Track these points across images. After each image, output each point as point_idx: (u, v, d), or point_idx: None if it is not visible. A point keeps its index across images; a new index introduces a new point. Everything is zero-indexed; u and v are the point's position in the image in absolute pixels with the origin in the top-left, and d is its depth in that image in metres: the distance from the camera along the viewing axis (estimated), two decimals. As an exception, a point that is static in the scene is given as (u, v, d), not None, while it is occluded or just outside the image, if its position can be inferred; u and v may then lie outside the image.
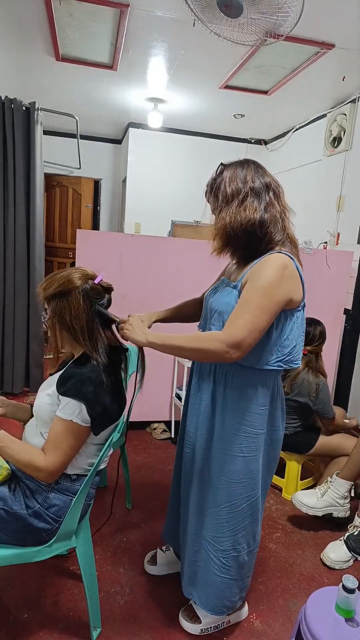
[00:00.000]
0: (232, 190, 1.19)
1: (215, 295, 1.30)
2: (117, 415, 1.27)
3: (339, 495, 1.93)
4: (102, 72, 3.25)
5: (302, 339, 1.26)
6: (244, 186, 1.19)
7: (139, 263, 2.58)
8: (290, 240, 1.24)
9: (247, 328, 1.09)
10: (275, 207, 1.21)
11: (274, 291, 1.11)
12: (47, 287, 1.22)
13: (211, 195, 1.26)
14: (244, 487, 1.29)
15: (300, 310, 1.23)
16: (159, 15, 2.39)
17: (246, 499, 1.30)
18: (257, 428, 1.26)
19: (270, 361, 1.20)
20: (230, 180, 1.20)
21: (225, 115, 4.05)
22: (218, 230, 1.21)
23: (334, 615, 1.18)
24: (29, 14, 2.49)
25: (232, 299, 1.21)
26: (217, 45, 2.65)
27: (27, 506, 1.22)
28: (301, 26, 2.33)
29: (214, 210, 1.26)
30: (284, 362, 1.22)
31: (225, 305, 1.22)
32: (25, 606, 1.48)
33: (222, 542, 1.32)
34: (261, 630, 1.48)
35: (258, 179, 1.21)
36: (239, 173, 1.21)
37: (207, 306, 1.33)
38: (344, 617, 1.16)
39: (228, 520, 1.31)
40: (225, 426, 1.27)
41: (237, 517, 1.31)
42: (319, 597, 1.24)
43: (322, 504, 1.93)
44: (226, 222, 1.18)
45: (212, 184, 1.26)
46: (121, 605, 1.52)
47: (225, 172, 1.23)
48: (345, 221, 3.28)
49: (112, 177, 5.40)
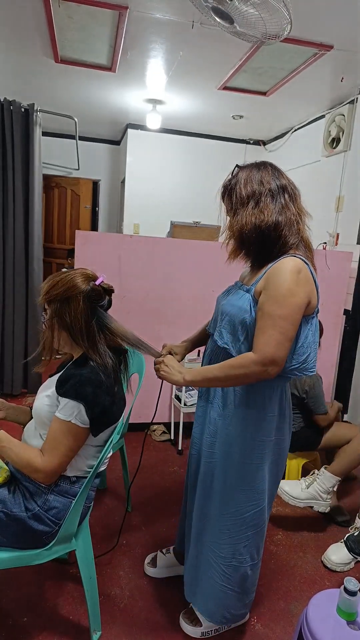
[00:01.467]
0: (248, 192, 1.18)
1: (228, 298, 1.28)
2: (116, 416, 1.27)
3: (323, 490, 1.91)
4: (100, 74, 3.25)
5: (316, 346, 1.22)
6: (260, 188, 1.18)
7: (138, 264, 2.58)
8: (305, 244, 1.22)
9: (275, 342, 1.09)
10: (291, 210, 1.19)
11: (292, 299, 1.10)
12: (50, 289, 1.21)
13: (226, 196, 1.24)
14: (248, 496, 1.26)
15: (314, 316, 1.21)
16: (158, 17, 2.40)
17: (251, 507, 1.27)
18: (265, 435, 1.24)
19: (287, 368, 1.17)
20: (245, 181, 1.19)
21: (224, 116, 4.06)
22: (233, 232, 1.20)
23: (335, 618, 1.15)
24: (28, 15, 2.48)
25: (245, 302, 1.19)
26: (215, 46, 2.65)
27: (26, 508, 1.21)
28: (300, 28, 2.34)
29: (228, 211, 1.24)
30: (299, 370, 1.19)
31: (237, 309, 1.20)
32: (24, 609, 1.47)
33: (223, 549, 1.31)
34: (262, 633, 1.47)
35: (274, 181, 1.19)
36: (254, 175, 1.20)
37: (218, 308, 1.32)
38: (345, 620, 1.15)
39: (229, 528, 1.29)
40: (231, 432, 1.24)
41: (240, 526, 1.28)
42: (320, 600, 1.22)
43: (305, 495, 1.91)
44: (242, 223, 1.17)
45: (227, 185, 1.24)
46: (121, 608, 1.51)
47: (241, 173, 1.22)
48: (345, 221, 3.28)
49: (111, 178, 5.40)
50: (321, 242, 3.41)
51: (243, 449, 1.24)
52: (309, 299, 1.14)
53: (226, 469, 1.27)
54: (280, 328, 1.09)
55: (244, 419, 1.23)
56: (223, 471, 1.27)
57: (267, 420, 1.23)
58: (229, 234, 1.21)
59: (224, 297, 1.32)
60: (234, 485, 1.26)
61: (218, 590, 1.33)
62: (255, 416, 1.23)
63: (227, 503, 1.28)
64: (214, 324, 1.33)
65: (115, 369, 1.25)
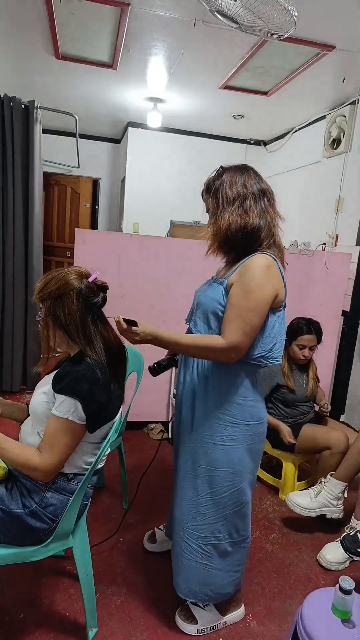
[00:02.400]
0: (234, 194, 1.25)
1: (203, 289, 1.38)
2: (113, 413, 1.27)
3: (333, 496, 1.93)
4: (101, 71, 3.24)
5: (282, 338, 1.31)
6: (244, 190, 1.25)
7: (137, 263, 2.58)
8: (277, 244, 1.31)
9: (242, 332, 1.19)
10: (270, 214, 1.28)
11: (260, 293, 1.19)
12: (43, 288, 1.22)
13: (209, 196, 1.30)
14: (224, 476, 1.32)
15: (282, 309, 1.31)
16: (160, 15, 2.39)
17: (227, 488, 1.32)
18: (237, 418, 1.30)
19: (253, 355, 1.26)
20: (230, 183, 1.26)
21: (224, 115, 4.05)
22: (217, 231, 1.26)
23: (330, 616, 1.16)
24: (29, 12, 2.48)
25: (218, 294, 1.27)
26: (217, 45, 2.65)
27: (24, 505, 1.22)
28: (302, 27, 2.34)
29: (212, 210, 1.30)
30: (265, 357, 1.28)
31: (210, 300, 1.29)
32: (21, 606, 1.48)
33: (202, 530, 1.36)
34: (257, 631, 1.48)
35: (256, 185, 1.28)
36: (238, 177, 1.27)
37: (195, 300, 1.41)
38: (340, 619, 1.16)
39: (208, 509, 1.34)
40: (206, 415, 1.32)
41: (218, 506, 1.34)
42: (315, 598, 1.23)
43: (315, 504, 1.93)
44: (228, 223, 1.24)
45: (210, 185, 1.30)
46: (117, 605, 1.52)
47: (225, 175, 1.28)
48: (344, 223, 3.29)
49: (111, 176, 5.39)
50: (320, 243, 3.42)
51: (219, 431, 1.31)
52: (277, 293, 1.24)
53: (204, 451, 1.33)
54: (247, 319, 1.18)
55: (218, 402, 1.31)
56: (202, 454, 1.33)
57: (239, 403, 1.30)
58: (214, 231, 1.27)
59: (201, 290, 1.41)
60: (212, 466, 1.32)
61: (201, 568, 1.38)
62: (227, 399, 1.30)
63: (205, 484, 1.34)
64: (190, 313, 1.43)
65: (112, 366, 1.25)
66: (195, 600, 1.43)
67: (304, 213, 3.94)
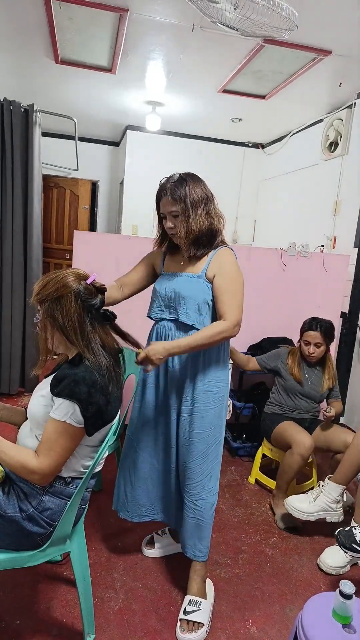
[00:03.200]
0: (198, 198, 1.45)
1: (177, 284, 1.51)
2: (111, 416, 1.26)
3: (331, 500, 1.92)
4: (101, 75, 3.25)
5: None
6: (205, 195, 1.46)
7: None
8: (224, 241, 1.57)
9: (240, 309, 1.44)
10: (218, 214, 1.51)
11: (240, 276, 1.48)
12: (41, 290, 1.21)
13: (175, 201, 1.44)
14: (214, 432, 1.52)
15: None
16: (158, 20, 2.40)
17: (214, 441, 1.53)
18: (223, 382, 1.55)
19: None
20: (193, 189, 1.44)
21: (223, 119, 4.07)
22: (190, 230, 1.44)
23: (331, 621, 1.14)
24: (29, 17, 2.49)
25: (202, 286, 1.47)
26: (215, 49, 2.66)
27: (20, 510, 1.20)
28: (299, 33, 2.35)
29: (181, 213, 1.44)
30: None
31: (198, 292, 1.47)
32: (18, 612, 1.46)
33: (195, 487, 1.51)
34: (257, 636, 1.46)
35: (208, 191, 1.50)
36: (197, 183, 1.47)
37: (168, 293, 1.52)
38: (341, 624, 1.14)
39: (202, 466, 1.51)
40: (197, 387, 1.49)
41: (208, 460, 1.52)
42: (315, 603, 1.22)
43: (314, 508, 1.92)
44: (199, 225, 1.44)
45: (174, 190, 1.44)
46: (115, 611, 1.50)
47: (188, 182, 1.45)
48: (342, 225, 3.30)
49: (110, 179, 5.40)
50: (319, 245, 3.42)
51: (212, 397, 1.50)
52: None
53: (200, 417, 1.50)
54: (238, 299, 1.45)
55: (209, 373, 1.50)
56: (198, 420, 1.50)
57: (222, 367, 1.54)
58: (187, 230, 1.44)
59: (168, 283, 1.53)
60: (206, 427, 1.50)
61: (201, 526, 1.52)
62: (218, 368, 1.52)
63: (201, 445, 1.50)
64: (167, 308, 1.54)
65: (110, 369, 1.24)
66: (204, 559, 1.55)
67: (302, 215, 3.95)
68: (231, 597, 1.62)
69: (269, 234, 4.66)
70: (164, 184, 1.49)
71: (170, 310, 1.53)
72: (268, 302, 2.83)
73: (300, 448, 2.03)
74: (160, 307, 1.56)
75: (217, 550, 1.86)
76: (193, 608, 1.46)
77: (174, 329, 1.53)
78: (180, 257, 1.57)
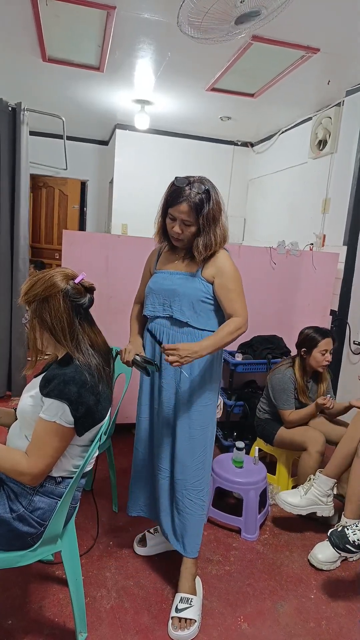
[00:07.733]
0: (219, 213, 1.48)
1: (172, 282, 1.54)
2: (101, 416, 1.26)
3: (322, 493, 1.93)
4: (88, 74, 3.23)
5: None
6: (220, 208, 1.49)
7: (125, 264, 2.57)
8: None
9: (245, 306, 1.52)
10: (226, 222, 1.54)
11: (239, 276, 1.54)
12: (29, 290, 1.21)
13: (194, 213, 1.43)
14: (210, 425, 1.59)
15: None
16: (146, 18, 2.40)
17: (211, 433, 1.60)
18: (217, 380, 1.62)
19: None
20: (217, 204, 1.46)
21: (211, 117, 4.07)
22: (209, 244, 1.47)
23: (231, 466, 1.99)
24: (15, 14, 2.46)
25: (199, 285, 1.51)
26: (203, 48, 2.66)
27: (11, 510, 1.20)
28: (286, 30, 2.36)
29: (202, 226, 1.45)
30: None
31: (195, 290, 1.51)
32: (9, 612, 1.46)
33: (201, 482, 1.56)
34: (249, 633, 1.48)
35: (221, 198, 1.51)
36: (217, 196, 1.47)
37: (162, 290, 1.55)
38: (236, 467, 1.97)
39: (203, 462, 1.56)
40: (194, 387, 1.54)
41: (206, 454, 1.57)
42: (221, 459, 2.06)
43: (305, 502, 1.93)
44: (220, 240, 1.49)
45: (198, 204, 1.42)
46: (107, 610, 1.50)
47: (211, 196, 1.44)
48: (331, 223, 3.32)
49: (99, 178, 5.38)
50: (308, 244, 3.45)
51: (208, 395, 1.57)
52: None
53: (198, 414, 1.55)
54: (243, 297, 1.52)
55: (207, 372, 1.56)
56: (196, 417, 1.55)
57: (217, 365, 1.61)
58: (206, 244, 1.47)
59: (163, 282, 1.56)
60: (205, 423, 1.56)
61: (200, 521, 1.57)
62: (212, 366, 1.58)
63: (201, 439, 1.55)
64: (161, 306, 1.56)
65: (100, 368, 1.24)
66: (195, 556, 1.56)
67: (291, 213, 3.97)
68: (223, 593, 1.63)
69: (258, 232, 4.68)
70: (183, 188, 1.42)
71: (164, 307, 1.55)
72: (258, 300, 2.84)
73: (317, 446, 2.05)
74: (154, 305, 1.58)
75: (209, 547, 1.87)
76: (184, 605, 1.47)
77: (168, 326, 1.55)
78: (175, 256, 1.59)
